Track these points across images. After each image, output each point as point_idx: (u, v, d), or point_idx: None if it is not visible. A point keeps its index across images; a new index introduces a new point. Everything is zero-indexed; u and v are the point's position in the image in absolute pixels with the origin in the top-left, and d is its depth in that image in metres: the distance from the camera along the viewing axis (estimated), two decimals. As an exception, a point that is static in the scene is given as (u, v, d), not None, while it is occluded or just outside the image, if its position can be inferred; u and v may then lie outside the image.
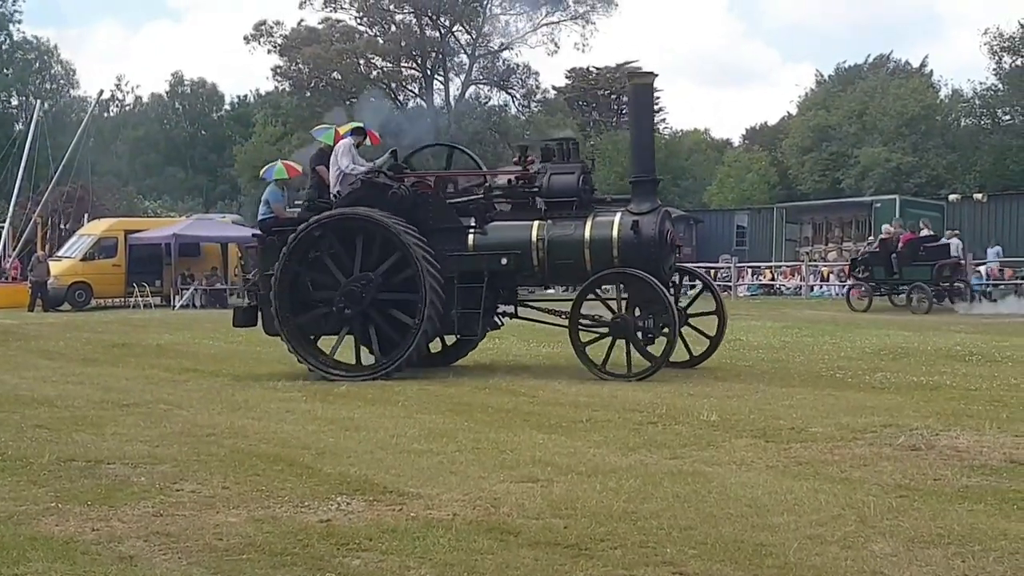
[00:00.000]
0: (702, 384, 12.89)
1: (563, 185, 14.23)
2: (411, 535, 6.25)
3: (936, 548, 5.85)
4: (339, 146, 14.87)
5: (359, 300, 14.10)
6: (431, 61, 69.74)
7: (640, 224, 13.74)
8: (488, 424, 10.11)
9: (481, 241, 14.29)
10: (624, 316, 13.70)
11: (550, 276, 14.86)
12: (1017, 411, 10.46)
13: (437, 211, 14.41)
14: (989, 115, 68.08)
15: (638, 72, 14.29)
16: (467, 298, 14.07)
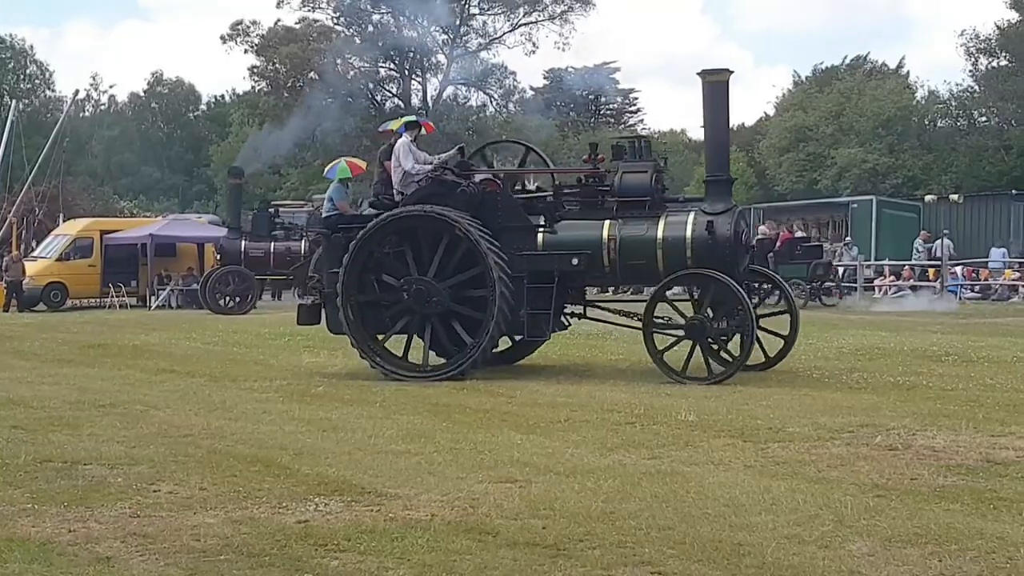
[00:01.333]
0: (680, 384, 12.90)
1: (635, 184, 13.97)
2: (389, 536, 6.24)
3: (913, 547, 5.87)
4: (398, 146, 14.64)
5: (426, 300, 13.95)
6: (409, 61, 69.65)
7: (715, 224, 13.46)
8: (466, 425, 10.10)
9: (551, 240, 14.04)
10: (701, 318, 13.51)
11: (621, 277, 14.62)
12: (993, 411, 10.51)
13: (506, 209, 14.17)
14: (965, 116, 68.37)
15: (712, 70, 14.05)
16: (536, 298, 13.84)
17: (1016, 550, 5.77)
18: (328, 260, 14.89)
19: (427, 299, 13.93)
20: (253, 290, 31.07)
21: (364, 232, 14.10)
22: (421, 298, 13.94)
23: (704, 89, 14.13)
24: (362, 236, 14.08)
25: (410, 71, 69.79)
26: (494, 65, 71.00)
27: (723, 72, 14.33)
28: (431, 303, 13.93)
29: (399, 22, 68.82)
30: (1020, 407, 10.77)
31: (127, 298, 35.18)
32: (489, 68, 70.77)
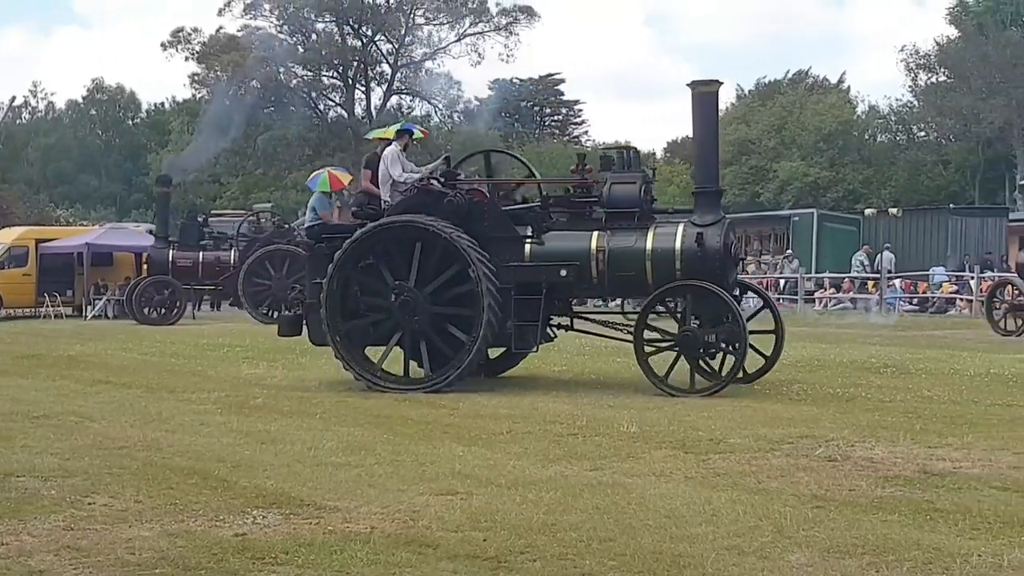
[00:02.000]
0: (622, 396, 12.92)
1: (624, 195, 13.85)
2: (328, 549, 6.18)
3: (851, 558, 5.89)
4: (386, 154, 14.52)
5: (412, 312, 13.82)
6: (352, 70, 69.46)
7: (705, 236, 13.37)
8: (407, 436, 10.05)
9: (538, 251, 13.91)
10: (693, 330, 13.40)
11: (609, 288, 14.49)
12: (930, 423, 10.59)
13: (493, 220, 14.04)
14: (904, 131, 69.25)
15: (702, 81, 13.95)
16: (523, 310, 13.70)
17: (952, 560, 5.80)
18: (311, 270, 14.76)
19: (413, 310, 13.81)
20: (180, 300, 30.72)
21: (349, 242, 13.95)
22: (407, 309, 13.82)
23: (693, 100, 14.11)
24: (347, 246, 13.93)
25: (354, 80, 69.57)
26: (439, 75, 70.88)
27: (713, 83, 14.29)
28: (417, 314, 13.81)
29: (343, 31, 68.60)
30: (957, 419, 10.86)
31: (63, 308, 34.82)
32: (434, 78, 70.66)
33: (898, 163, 64.80)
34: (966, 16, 66.11)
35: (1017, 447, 9.18)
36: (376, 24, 68.45)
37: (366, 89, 70.31)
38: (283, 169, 68.26)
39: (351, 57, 68.66)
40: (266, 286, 29.57)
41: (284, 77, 67.75)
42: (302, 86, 68.84)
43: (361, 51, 68.74)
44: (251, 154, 67.95)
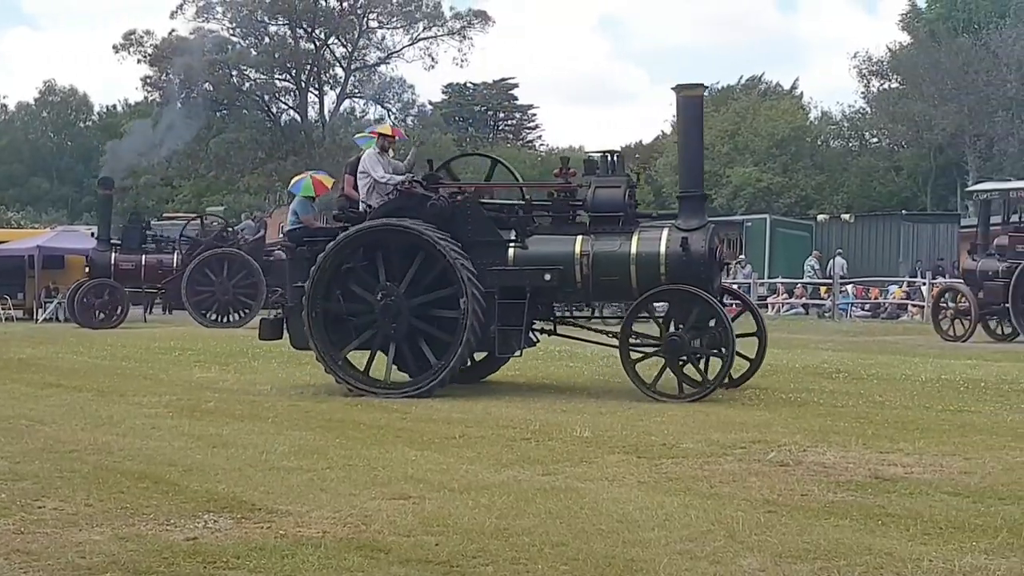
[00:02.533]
0: (575, 400, 12.93)
1: (608, 199, 13.77)
2: (279, 553, 6.15)
3: (803, 563, 5.91)
4: (366, 156, 14.41)
5: (394, 315, 13.68)
6: (305, 73, 69.25)
7: (689, 240, 13.30)
8: (360, 441, 10.01)
9: (522, 255, 13.79)
10: (680, 335, 13.32)
11: (593, 293, 14.30)
12: (882, 428, 10.66)
13: (476, 223, 13.92)
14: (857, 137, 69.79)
15: (687, 84, 13.88)
16: (507, 315, 13.59)
17: (904, 565, 5.84)
18: (292, 274, 14.63)
19: (396, 314, 13.69)
20: (123, 303, 30.41)
21: (332, 245, 13.82)
22: (389, 313, 13.70)
23: (678, 104, 14.09)
24: (330, 249, 13.80)
25: (307, 83, 69.34)
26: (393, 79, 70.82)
27: (698, 87, 14.31)
28: (399, 318, 13.69)
29: (296, 34, 68.38)
30: (908, 424, 10.93)
31: (13, 311, 34.50)
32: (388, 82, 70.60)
33: (851, 169, 65.24)
34: (918, 23, 66.71)
35: (968, 452, 9.25)
36: (329, 27, 68.27)
37: (319, 92, 70.13)
38: (236, 172, 67.95)
39: (304, 60, 68.46)
40: (209, 290, 29.38)
41: (237, 80, 67.44)
42: (255, 89, 68.55)
43: (314, 54, 68.54)
44: (203, 157, 67.57)
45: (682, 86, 13.97)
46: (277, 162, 67.04)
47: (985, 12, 61.47)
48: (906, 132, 64.50)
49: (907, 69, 63.46)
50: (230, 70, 66.54)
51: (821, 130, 70.28)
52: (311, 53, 68.62)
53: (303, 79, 69.18)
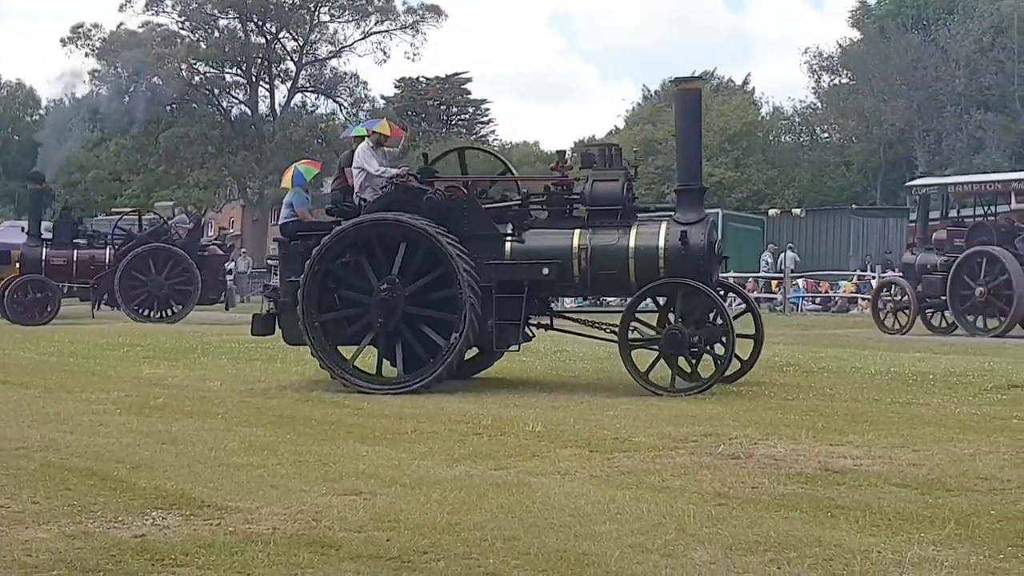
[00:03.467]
0: (528, 395, 12.92)
1: (607, 192, 13.67)
2: (229, 550, 6.10)
3: (753, 555, 5.93)
4: (360, 150, 14.26)
5: (390, 311, 13.51)
6: (256, 67, 68.92)
7: (688, 234, 13.25)
8: (311, 437, 9.95)
9: (519, 249, 13.68)
10: (680, 328, 13.22)
11: (591, 287, 14.30)
12: (832, 420, 10.71)
13: (473, 217, 13.78)
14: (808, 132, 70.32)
15: (685, 78, 13.80)
16: (504, 309, 13.47)
17: (853, 556, 5.86)
18: (286, 268, 14.47)
19: (392, 309, 13.52)
20: (54, 299, 30.06)
21: (327, 239, 13.67)
22: (386, 308, 13.53)
23: (676, 98, 14.06)
24: (325, 243, 13.65)
25: (257, 77, 69.01)
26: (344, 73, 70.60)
27: (696, 80, 14.22)
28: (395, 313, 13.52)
29: (247, 28, 68.04)
30: (858, 416, 11.00)
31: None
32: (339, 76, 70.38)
33: (802, 164, 65.73)
34: (868, 19, 67.28)
35: (916, 444, 9.31)
36: (280, 21, 68.05)
37: (270, 86, 69.88)
38: (185, 167, 67.55)
39: (255, 54, 68.22)
40: (143, 285, 29.14)
41: (186, 74, 67.03)
42: (205, 83, 68.17)
43: (265, 48, 68.28)
44: (153, 152, 67.14)
45: (680, 79, 13.97)
46: (227, 157, 66.77)
47: (934, 8, 62.03)
48: (856, 127, 65.05)
49: (857, 65, 64.00)
50: (179, 64, 66.13)
51: (773, 125, 70.77)
52: (262, 47, 68.42)
53: (254, 73, 68.97)
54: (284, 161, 65.94)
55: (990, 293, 23.29)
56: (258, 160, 66.41)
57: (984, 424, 10.56)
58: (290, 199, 15.12)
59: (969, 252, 23.92)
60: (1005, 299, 23.24)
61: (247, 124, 68.68)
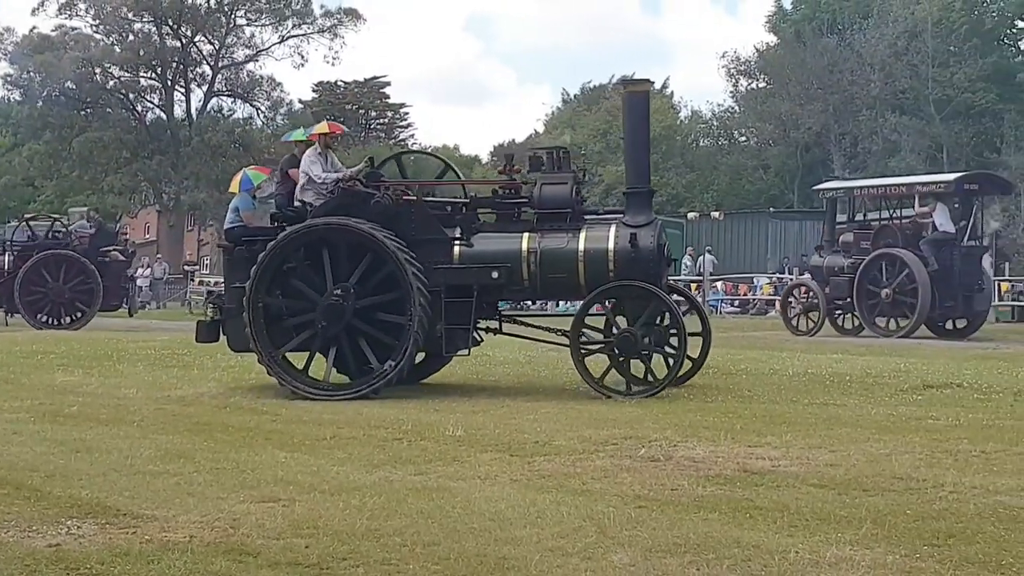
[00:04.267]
0: (448, 399, 12.88)
1: (555, 195, 13.59)
2: (145, 558, 6.02)
3: (673, 557, 5.95)
4: (306, 155, 14.06)
5: (341, 315, 13.30)
6: (171, 71, 68.27)
7: (638, 236, 13.21)
8: (228, 444, 9.85)
9: (468, 253, 13.56)
10: (633, 331, 13.18)
11: (541, 291, 14.16)
12: (750, 422, 10.79)
13: (421, 221, 13.65)
14: (726, 136, 70.91)
15: (633, 80, 13.77)
16: (453, 313, 13.37)
17: (771, 557, 5.90)
18: (230, 274, 14.23)
19: (340, 314, 13.33)
20: None
21: (273, 244, 13.46)
22: (334, 313, 13.35)
23: (625, 100, 14.00)
24: (271, 248, 13.45)
25: (173, 81, 68.34)
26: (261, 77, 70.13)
27: (644, 82, 14.18)
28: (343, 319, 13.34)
29: (162, 31, 67.37)
30: (776, 418, 11.09)
31: None
32: (256, 80, 69.90)
33: (720, 167, 66.31)
34: (784, 23, 67.98)
35: (833, 445, 9.40)
36: (196, 24, 67.46)
37: (186, 91, 69.21)
38: (100, 172, 66.72)
39: (170, 58, 67.56)
40: (43, 291, 28.74)
41: (100, 78, 66.24)
42: (119, 87, 67.41)
43: (180, 52, 67.65)
44: (66, 156, 66.25)
45: (628, 81, 14.02)
46: (142, 161, 66.05)
47: (849, 13, 62.81)
48: (773, 131, 65.74)
49: (774, 69, 64.69)
50: (94, 68, 65.36)
51: (691, 129, 71.34)
52: (177, 50, 67.76)
53: (169, 77, 68.26)
54: (200, 166, 65.55)
55: (896, 294, 23.84)
56: (174, 165, 65.80)
57: (900, 424, 10.69)
58: (236, 204, 14.91)
59: (875, 254, 24.50)
60: (910, 300, 23.78)
61: (162, 129, 68.00)
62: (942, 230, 24.40)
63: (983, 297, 25.38)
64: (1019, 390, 13.19)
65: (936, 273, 23.64)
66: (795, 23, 66.74)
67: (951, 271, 23.98)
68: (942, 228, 24.42)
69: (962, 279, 24.20)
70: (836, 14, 63.82)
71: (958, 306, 24.45)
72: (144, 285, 50.27)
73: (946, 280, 23.87)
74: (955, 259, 24.14)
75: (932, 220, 24.70)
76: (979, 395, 12.98)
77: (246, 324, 13.49)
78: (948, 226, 24.48)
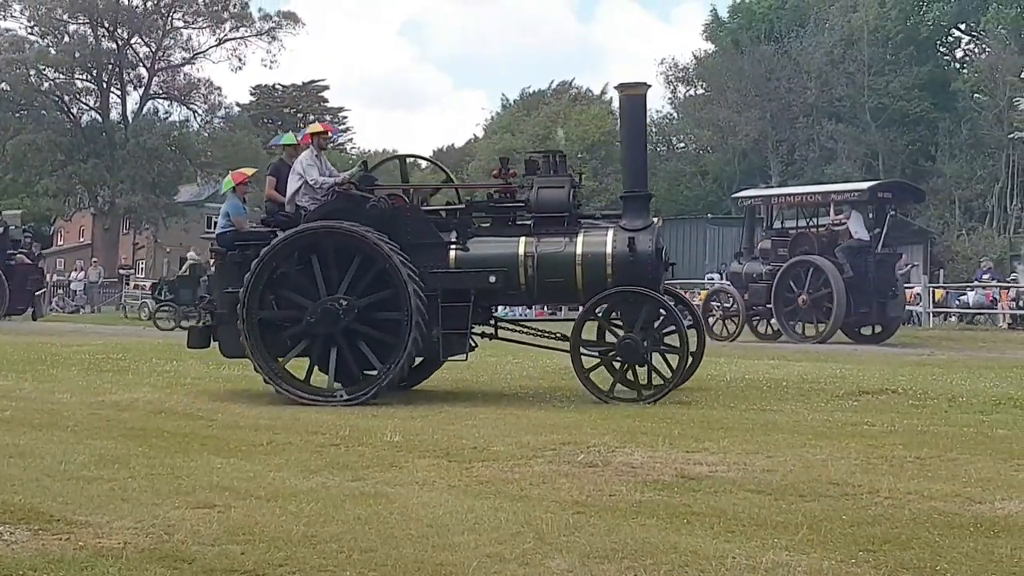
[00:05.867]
0: (386, 404, 12.83)
1: (552, 199, 13.53)
2: (79, 565, 5.94)
3: (610, 563, 5.95)
4: (302, 157, 13.91)
5: (335, 321, 13.16)
6: (107, 73, 67.64)
7: (636, 240, 13.18)
8: (163, 449, 9.74)
9: (464, 257, 13.46)
10: (634, 337, 13.15)
11: (538, 295, 14.08)
12: (688, 428, 10.83)
13: (416, 225, 13.54)
14: (665, 142, 71.22)
15: (630, 83, 13.65)
16: (450, 318, 13.26)
17: (708, 563, 5.91)
18: (221, 280, 14.08)
19: (336, 319, 13.19)
20: None
21: (268, 249, 13.30)
22: (329, 318, 13.21)
23: (621, 103, 14.00)
24: (266, 253, 13.28)
25: (108, 84, 67.71)
26: (198, 80, 69.66)
27: (641, 85, 14.10)
28: (340, 323, 13.21)
29: (97, 33, 66.74)
30: (713, 423, 11.14)
31: None
32: (193, 83, 69.42)
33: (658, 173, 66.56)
34: (722, 31, 68.43)
35: (770, 451, 9.45)
36: (132, 27, 66.92)
37: (122, 93, 68.59)
38: (34, 175, 65.99)
39: (106, 60, 66.94)
40: None
41: (35, 80, 65.52)
42: (54, 89, 66.72)
43: (116, 54, 67.05)
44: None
45: (625, 85, 13.94)
46: (77, 164, 65.41)
47: (786, 22, 63.32)
48: (711, 137, 66.18)
49: (712, 76, 65.09)
50: (28, 69, 64.64)
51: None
52: (113, 52, 67.16)
53: (105, 79, 67.63)
54: (136, 169, 64.99)
55: (812, 300, 24.21)
56: (109, 168, 65.18)
57: (836, 430, 10.77)
58: (227, 208, 14.74)
59: (792, 261, 25.17)
60: (826, 306, 24.32)
61: (98, 131, 67.35)
62: (857, 237, 25.03)
63: (896, 303, 26.00)
64: (953, 396, 13.34)
65: (851, 280, 24.28)
66: (732, 31, 67.21)
67: (866, 278, 24.64)
68: (857, 236, 25.05)
69: (876, 285, 24.88)
70: (773, 23, 64.34)
71: (872, 312, 25.07)
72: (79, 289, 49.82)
73: (861, 286, 24.53)
74: (869, 266, 24.87)
75: (847, 228, 25.19)
76: (914, 401, 13.11)
77: (242, 334, 13.32)
78: (863, 234, 25.13)
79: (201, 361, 17.65)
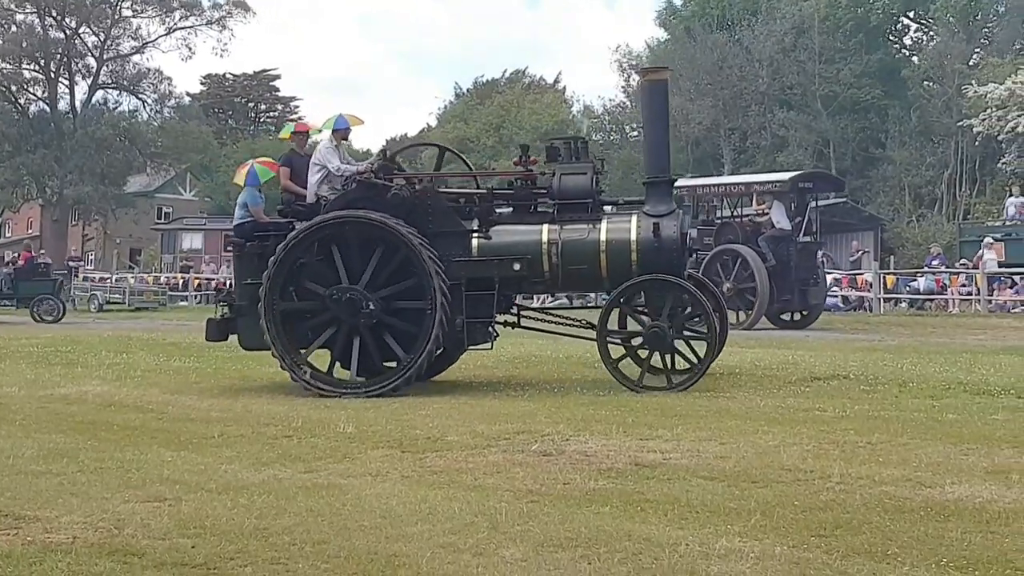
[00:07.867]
0: (339, 397, 12.78)
1: (575, 186, 13.42)
2: (27, 560, 5.88)
3: (564, 551, 5.94)
4: (321, 147, 13.82)
5: (357, 313, 13.05)
6: (55, 63, 67.00)
7: (660, 226, 13.06)
8: (113, 443, 9.67)
9: (486, 246, 13.34)
10: (661, 325, 13.03)
11: (562, 283, 14.00)
12: (641, 415, 10.84)
13: (438, 214, 13.40)
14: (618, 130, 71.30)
15: (652, 68, 13.61)
16: (473, 307, 13.14)
17: (661, 550, 5.91)
18: (240, 271, 13.93)
19: (359, 309, 13.07)
20: None
21: (290, 239, 13.16)
22: (352, 308, 13.08)
23: (643, 89, 13.89)
24: (288, 243, 13.13)
25: (57, 73, 67.07)
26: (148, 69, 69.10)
27: (662, 70, 14.03)
28: (363, 313, 13.08)
29: (45, 23, 66.08)
30: (667, 411, 11.16)
31: None
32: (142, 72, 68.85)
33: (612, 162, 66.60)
34: (675, 19, 68.55)
35: (723, 438, 9.48)
36: (80, 16, 66.28)
37: (70, 83, 67.95)
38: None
39: (54, 49, 66.29)
40: None
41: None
42: (1, 79, 66.02)
43: (65, 43, 66.41)
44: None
45: (646, 70, 13.97)
46: (25, 155, 64.77)
47: (738, 10, 63.47)
48: (664, 125, 66.09)
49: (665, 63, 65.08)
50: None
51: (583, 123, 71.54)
52: (61, 42, 66.52)
53: (53, 69, 66.98)
54: (85, 159, 64.43)
55: (737, 288, 24.54)
56: (58, 158, 64.60)
57: (788, 416, 10.81)
58: (244, 199, 14.52)
59: (717, 250, 25.49)
60: (751, 294, 24.69)
61: (46, 121, 66.71)
62: (779, 227, 25.46)
63: (818, 290, 26.43)
64: (904, 381, 13.43)
65: (774, 268, 24.64)
66: (684, 19, 67.33)
67: (788, 266, 25.05)
68: (779, 225, 25.51)
69: (798, 273, 25.38)
70: (726, 10, 64.48)
71: (795, 299, 25.48)
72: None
73: (783, 274, 24.98)
74: (792, 254, 25.30)
75: (770, 218, 25.55)
76: (865, 387, 13.18)
77: (264, 328, 13.18)
78: (784, 223, 25.61)
79: (151, 353, 17.55)
